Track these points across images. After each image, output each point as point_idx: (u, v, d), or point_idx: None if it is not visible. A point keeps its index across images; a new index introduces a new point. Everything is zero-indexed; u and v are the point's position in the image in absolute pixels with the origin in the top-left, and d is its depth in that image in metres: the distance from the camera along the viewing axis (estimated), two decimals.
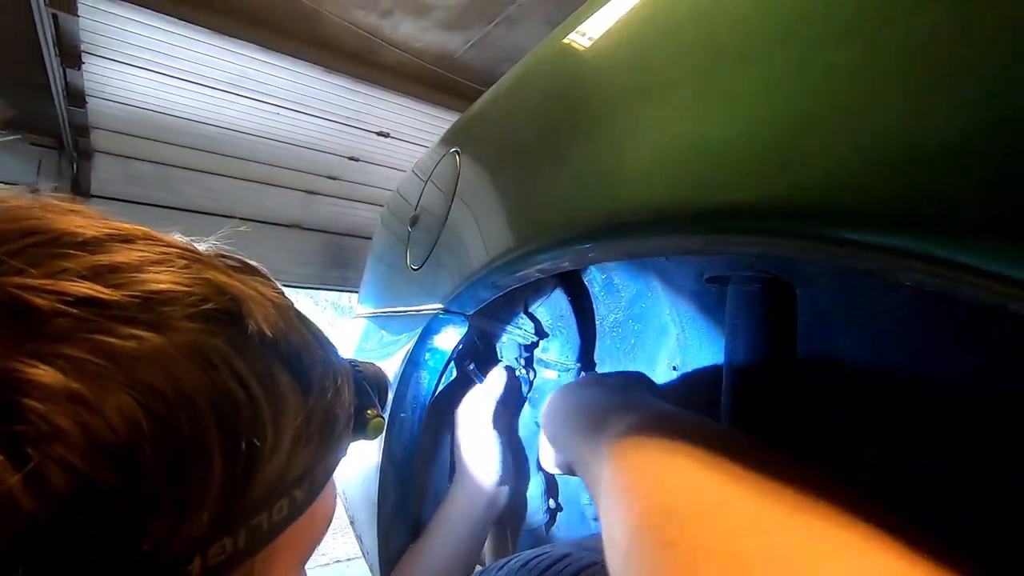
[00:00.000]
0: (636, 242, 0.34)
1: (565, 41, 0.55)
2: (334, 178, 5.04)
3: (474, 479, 0.76)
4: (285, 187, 5.09)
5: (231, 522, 0.25)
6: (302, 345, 0.31)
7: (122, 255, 0.25)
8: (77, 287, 0.22)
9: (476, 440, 0.77)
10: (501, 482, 0.77)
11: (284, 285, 0.34)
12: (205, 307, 0.25)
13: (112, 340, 0.21)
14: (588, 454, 0.42)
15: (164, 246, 0.27)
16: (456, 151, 0.75)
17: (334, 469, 0.34)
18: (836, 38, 0.24)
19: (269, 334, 0.27)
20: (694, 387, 0.72)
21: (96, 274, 0.23)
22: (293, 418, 0.28)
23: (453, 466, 0.83)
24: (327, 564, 4.22)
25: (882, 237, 0.21)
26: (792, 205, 0.24)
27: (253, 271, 0.33)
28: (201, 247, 0.31)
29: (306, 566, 0.34)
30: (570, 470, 0.58)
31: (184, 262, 0.27)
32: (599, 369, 0.88)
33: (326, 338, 0.35)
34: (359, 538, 0.86)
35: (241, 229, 0.35)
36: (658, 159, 0.35)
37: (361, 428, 0.39)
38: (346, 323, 1.15)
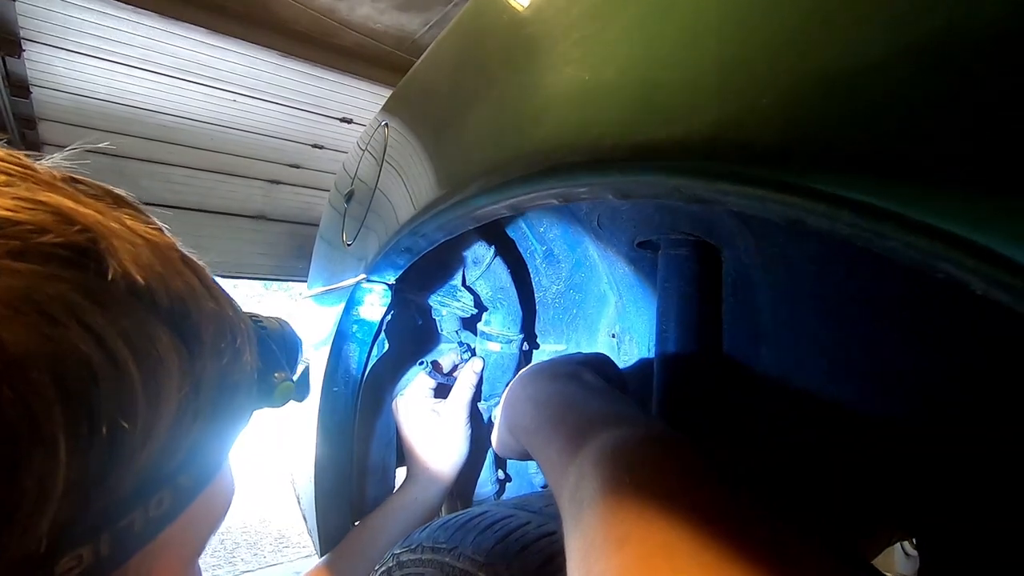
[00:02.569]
0: (514, 194, 0.34)
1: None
2: (298, 167, 4.94)
3: (434, 473, 0.75)
4: (248, 177, 4.97)
5: (88, 527, 0.20)
6: (188, 295, 0.24)
7: None
8: None
9: (442, 434, 0.76)
10: (461, 470, 0.77)
11: (252, 278, 0.28)
12: (40, 240, 0.19)
13: None
14: (564, 460, 0.38)
15: None
16: (385, 124, 0.75)
17: (231, 445, 0.29)
18: None
19: (140, 280, 0.21)
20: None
21: None
22: (176, 388, 0.23)
23: (397, 445, 0.83)
24: (308, 556, 4.20)
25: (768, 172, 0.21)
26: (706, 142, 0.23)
27: (121, 201, 0.26)
28: (43, 166, 0.23)
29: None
30: (523, 456, 0.55)
31: (4, 177, 0.20)
32: (542, 340, 0.88)
33: (221, 289, 0.28)
34: (304, 518, 0.86)
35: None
36: (541, 111, 0.35)
37: (267, 394, 0.32)
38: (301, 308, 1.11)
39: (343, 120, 4.28)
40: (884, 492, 0.53)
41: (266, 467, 4.57)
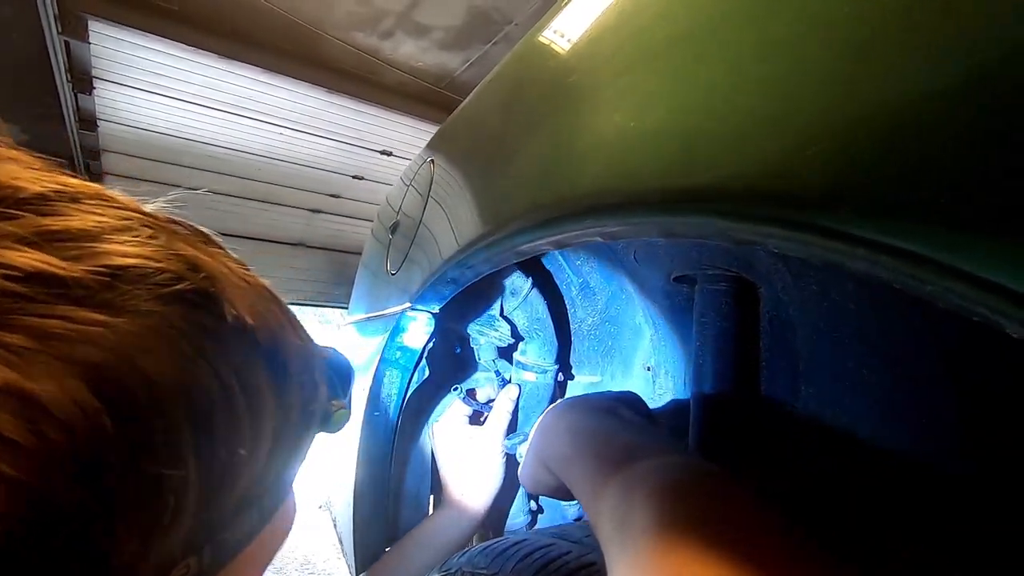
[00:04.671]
0: (560, 231, 0.36)
1: (531, 44, 0.57)
2: (338, 196, 5.10)
3: (468, 499, 0.75)
4: (290, 206, 5.15)
5: (198, 539, 0.22)
6: (280, 335, 0.27)
7: (76, 219, 0.20)
8: (24, 258, 0.18)
9: (477, 460, 0.77)
10: (495, 497, 0.78)
11: (289, 303, 0.30)
12: (178, 287, 0.21)
13: (68, 326, 0.17)
14: (603, 483, 0.39)
15: (121, 209, 0.23)
16: (431, 160, 0.78)
17: (299, 469, 0.31)
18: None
19: (249, 321, 0.24)
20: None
21: (46, 241, 0.19)
22: (270, 419, 0.25)
23: (432, 471, 0.84)
24: None
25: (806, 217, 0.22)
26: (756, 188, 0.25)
27: (209, 240, 0.28)
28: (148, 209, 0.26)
29: None
30: (554, 492, 0.54)
31: (149, 231, 0.22)
32: (576, 371, 0.89)
33: (300, 324, 0.31)
34: (340, 540, 0.87)
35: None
36: (591, 153, 0.37)
37: (325, 421, 0.33)
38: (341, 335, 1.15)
39: (383, 152, 4.43)
40: (925, 530, 0.52)
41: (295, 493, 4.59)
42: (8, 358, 0.16)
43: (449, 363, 0.84)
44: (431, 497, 0.86)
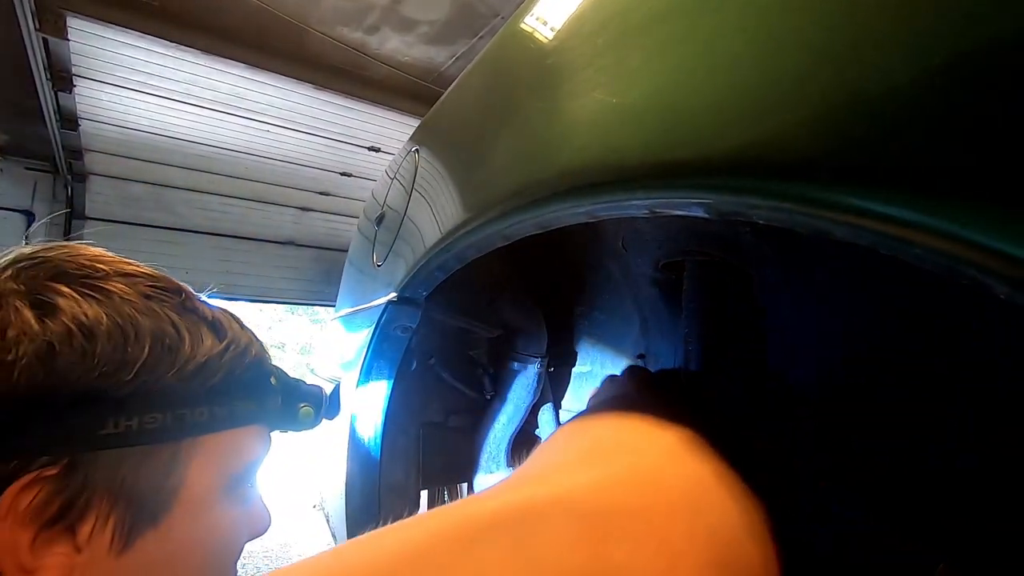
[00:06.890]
0: (543, 212, 0.35)
1: (511, 31, 0.56)
2: (327, 194, 5.07)
3: None
4: (278, 204, 5.12)
5: (161, 399, 0.36)
6: (222, 317, 0.43)
7: (106, 256, 0.40)
8: (84, 260, 0.38)
9: None
10: None
11: (279, 302, 0.45)
12: (157, 284, 0.39)
13: (104, 286, 0.36)
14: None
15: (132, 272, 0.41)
16: (416, 150, 0.77)
17: (251, 419, 0.43)
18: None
19: (204, 308, 0.41)
20: None
21: (94, 259, 0.38)
22: (211, 346, 0.40)
23: (421, 464, 0.83)
24: None
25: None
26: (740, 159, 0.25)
27: None
28: None
29: None
30: None
31: (149, 273, 0.41)
32: (566, 361, 0.89)
33: (246, 327, 0.46)
34: (333, 536, 0.86)
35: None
36: (578, 132, 0.36)
37: (292, 418, 0.48)
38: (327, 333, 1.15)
39: (371, 148, 4.40)
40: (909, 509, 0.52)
41: (288, 492, 4.60)
42: (72, 291, 0.36)
43: (436, 354, 0.83)
44: (423, 492, 0.86)
